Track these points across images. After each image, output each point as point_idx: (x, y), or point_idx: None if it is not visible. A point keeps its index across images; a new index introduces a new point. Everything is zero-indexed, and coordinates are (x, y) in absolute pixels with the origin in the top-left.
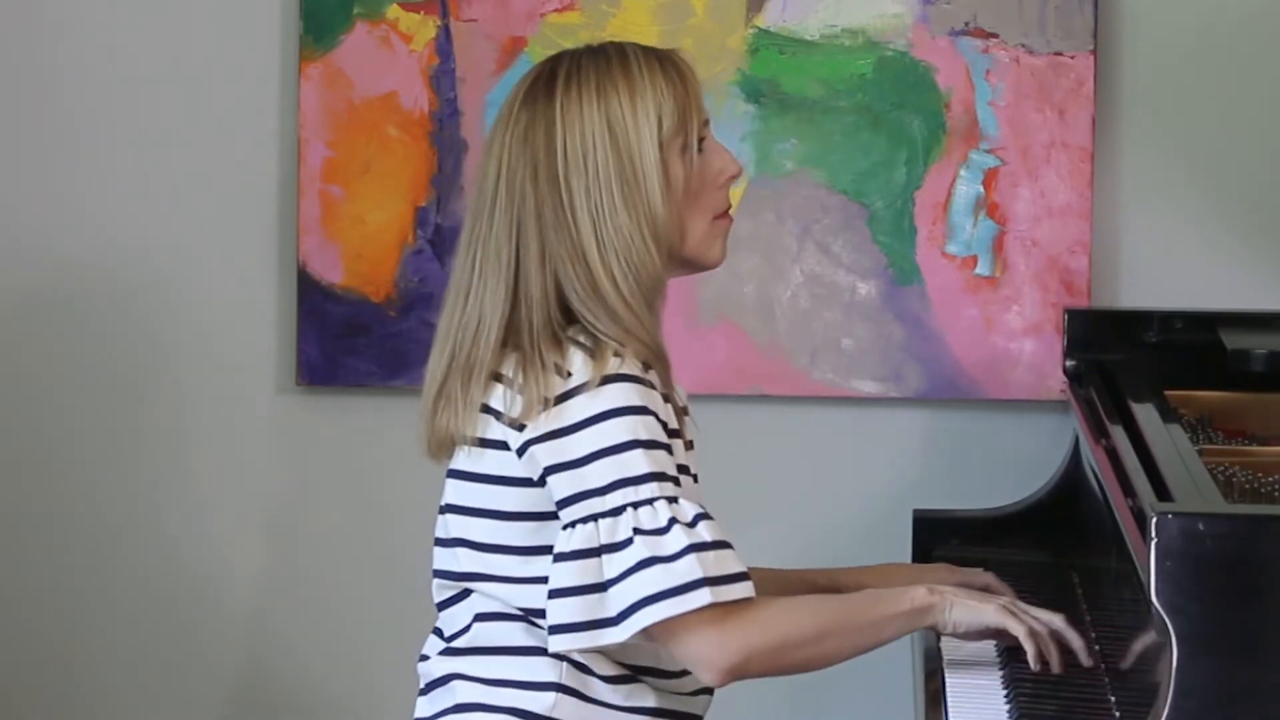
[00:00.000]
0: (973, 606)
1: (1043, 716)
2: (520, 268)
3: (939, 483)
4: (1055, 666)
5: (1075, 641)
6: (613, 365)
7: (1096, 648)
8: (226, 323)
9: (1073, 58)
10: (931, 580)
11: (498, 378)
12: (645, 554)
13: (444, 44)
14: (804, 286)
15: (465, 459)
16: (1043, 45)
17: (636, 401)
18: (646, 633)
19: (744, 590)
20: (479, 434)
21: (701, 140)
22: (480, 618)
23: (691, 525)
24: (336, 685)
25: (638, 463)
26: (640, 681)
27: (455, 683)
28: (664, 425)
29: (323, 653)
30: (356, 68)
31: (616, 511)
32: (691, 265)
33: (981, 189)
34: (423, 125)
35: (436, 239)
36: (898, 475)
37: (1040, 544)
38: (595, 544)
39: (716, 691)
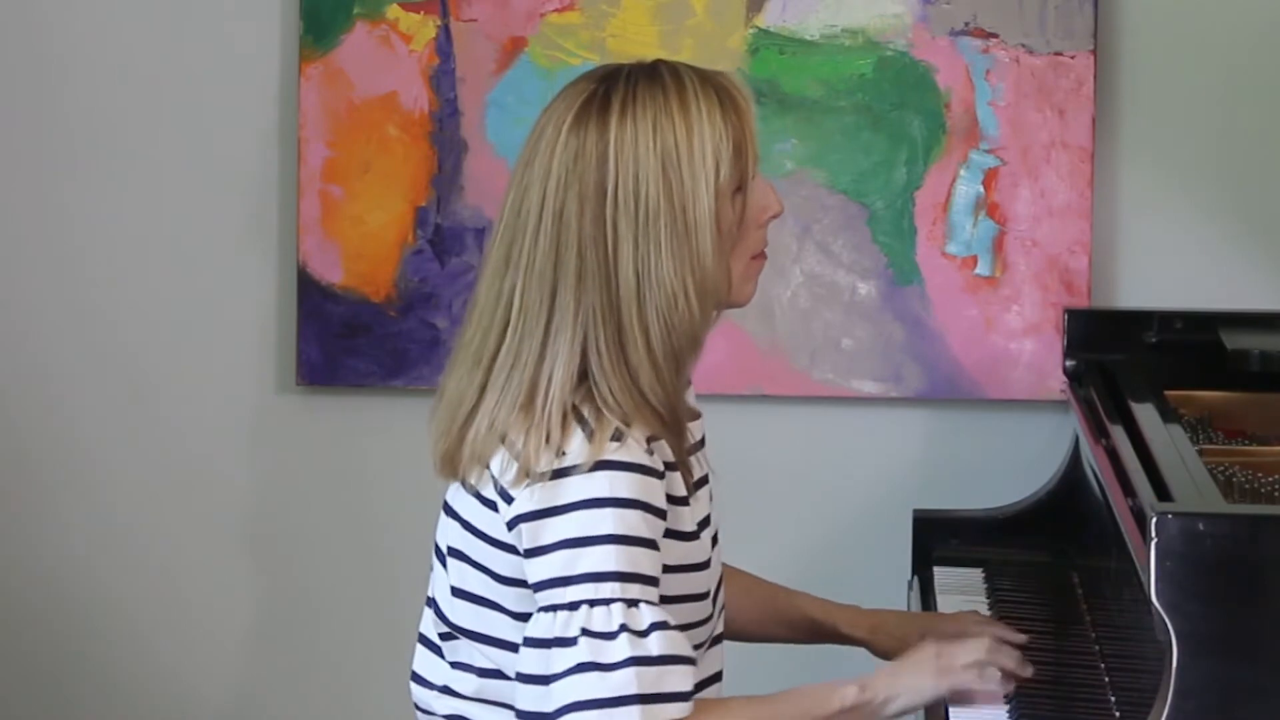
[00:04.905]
0: (912, 686)
1: (1042, 717)
2: (554, 312)
3: (939, 483)
4: (1021, 672)
5: (1008, 663)
6: (609, 450)
7: (1097, 647)
8: (226, 323)
9: (1073, 58)
10: (924, 628)
11: (503, 439)
12: (585, 657)
13: (444, 44)
14: (804, 286)
15: (463, 502)
16: (1043, 45)
17: (623, 494)
18: None
19: (677, 711)
20: (477, 486)
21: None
22: (484, 673)
23: (643, 634)
24: (337, 684)
25: (606, 559)
26: None
27: None
28: (658, 512)
29: (318, 654)
30: (356, 68)
31: (573, 606)
32: (723, 306)
33: (981, 189)
34: (423, 125)
35: (436, 239)
36: (898, 475)
37: (1040, 544)
38: (550, 635)
39: None
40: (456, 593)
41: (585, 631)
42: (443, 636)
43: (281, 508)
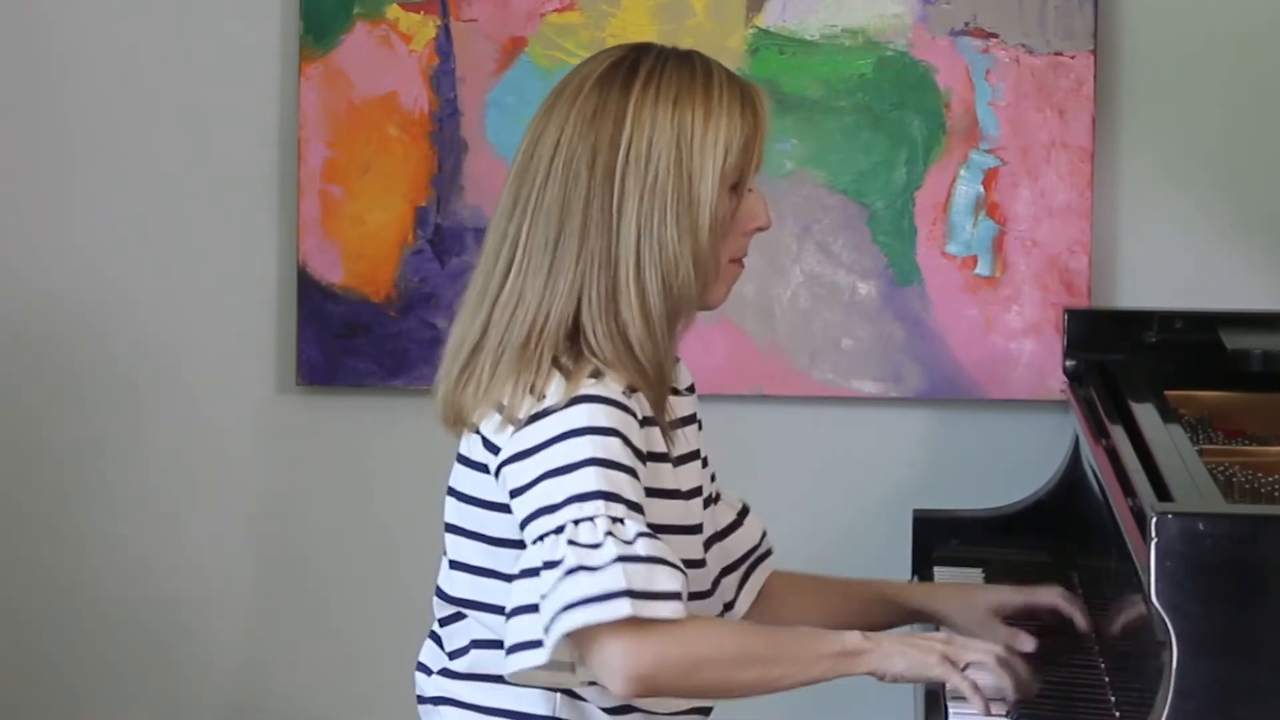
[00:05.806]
0: (915, 658)
1: (1043, 717)
2: (556, 256)
3: (939, 483)
4: (1025, 690)
5: (1009, 678)
6: (585, 386)
7: (1097, 647)
8: (226, 323)
9: (1073, 58)
10: (993, 601)
11: (499, 406)
12: (573, 564)
13: (444, 44)
14: (804, 286)
15: (458, 477)
16: (1043, 45)
17: (601, 422)
18: (569, 640)
19: (670, 610)
20: (466, 451)
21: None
22: (477, 644)
23: (629, 542)
24: (338, 682)
25: (589, 480)
26: (637, 711)
27: (444, 708)
28: (636, 451)
29: (319, 655)
30: (356, 68)
31: (560, 529)
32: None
33: (981, 189)
34: (423, 125)
35: (436, 239)
36: (898, 475)
37: (1040, 544)
38: (540, 561)
39: None
40: (454, 565)
41: (571, 543)
42: (443, 621)
43: (282, 508)
